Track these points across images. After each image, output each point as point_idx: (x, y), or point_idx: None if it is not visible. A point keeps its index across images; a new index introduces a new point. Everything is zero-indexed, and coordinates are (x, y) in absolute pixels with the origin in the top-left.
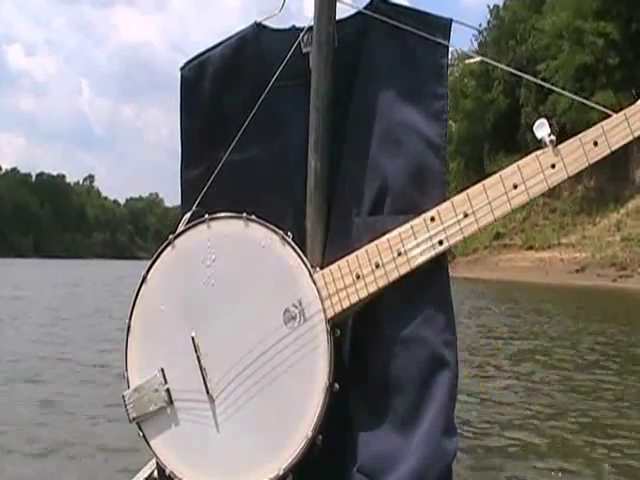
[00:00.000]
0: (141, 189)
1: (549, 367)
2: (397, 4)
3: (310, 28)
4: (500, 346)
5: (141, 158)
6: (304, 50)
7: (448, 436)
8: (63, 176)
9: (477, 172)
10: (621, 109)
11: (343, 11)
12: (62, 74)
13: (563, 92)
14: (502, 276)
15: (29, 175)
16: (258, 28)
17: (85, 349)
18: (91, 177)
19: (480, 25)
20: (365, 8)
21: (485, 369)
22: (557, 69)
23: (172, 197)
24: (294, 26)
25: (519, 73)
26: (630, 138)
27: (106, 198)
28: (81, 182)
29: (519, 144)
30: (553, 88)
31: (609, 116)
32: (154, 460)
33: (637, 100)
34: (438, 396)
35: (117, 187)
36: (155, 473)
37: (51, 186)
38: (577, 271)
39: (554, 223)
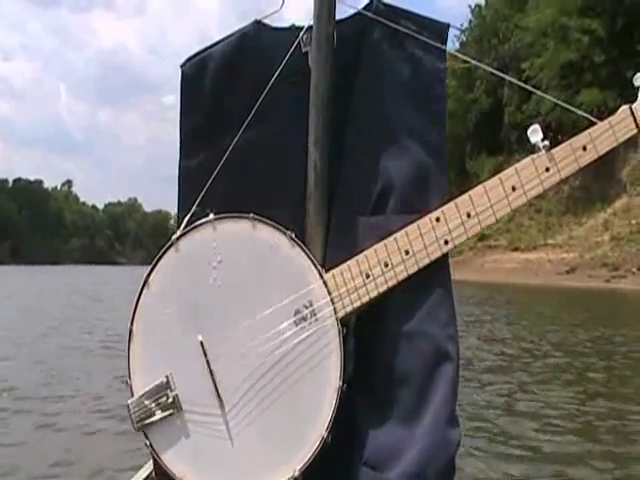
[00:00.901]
0: (120, 194)
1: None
2: (395, 6)
3: (310, 27)
4: (520, 363)
5: (120, 163)
6: (304, 49)
7: (451, 427)
8: (41, 181)
9: (459, 172)
10: (607, 107)
11: (342, 12)
12: (40, 79)
13: (545, 95)
14: (489, 278)
15: (6, 181)
16: (258, 26)
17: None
18: (69, 182)
19: (462, 25)
20: (364, 9)
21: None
22: (542, 67)
23: (151, 202)
24: (294, 25)
25: (509, 78)
26: (615, 144)
27: (84, 203)
28: (59, 187)
29: (501, 144)
30: (540, 94)
31: (595, 118)
32: (150, 462)
33: (622, 99)
34: (441, 389)
35: (96, 192)
36: (153, 474)
37: (29, 192)
38: (567, 272)
39: (540, 223)
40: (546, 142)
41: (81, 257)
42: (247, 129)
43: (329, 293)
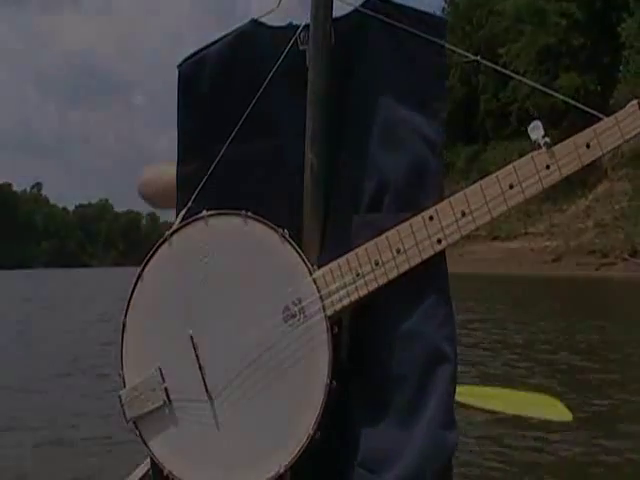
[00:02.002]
0: (90, 195)
1: None
2: (393, 2)
3: (307, 26)
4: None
5: (90, 164)
6: (301, 47)
7: (448, 429)
8: (9, 185)
9: None
10: (586, 91)
11: (340, 9)
12: (7, 81)
13: (526, 80)
14: (470, 269)
15: None
16: (255, 25)
17: None
18: (38, 184)
19: (434, 12)
20: (362, 6)
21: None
22: (520, 52)
23: (122, 202)
24: (291, 23)
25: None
26: (621, 141)
27: (54, 205)
28: (28, 190)
29: (477, 133)
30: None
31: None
32: (149, 459)
33: (601, 83)
34: (438, 390)
35: (66, 194)
36: (150, 472)
37: None
38: (553, 260)
39: (519, 212)
40: (547, 139)
41: (52, 260)
42: (244, 129)
43: (318, 291)
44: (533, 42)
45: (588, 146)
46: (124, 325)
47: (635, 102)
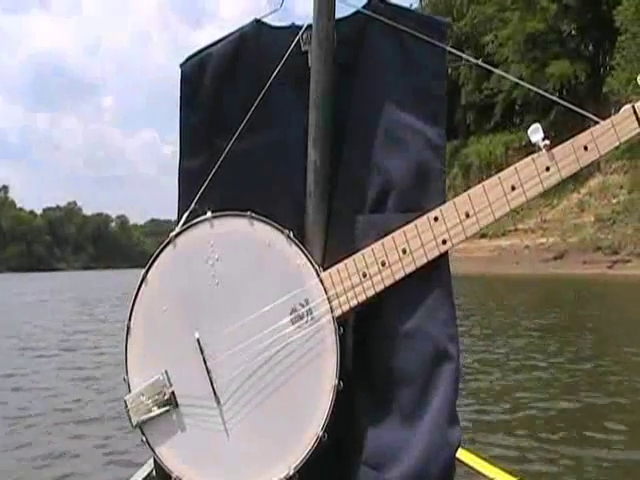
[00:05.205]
0: (59, 198)
1: None
2: (395, 4)
3: (309, 26)
4: None
5: (58, 166)
6: (303, 48)
7: (451, 427)
8: None
9: None
10: (577, 79)
11: (342, 10)
12: None
13: (512, 78)
14: (461, 269)
15: None
16: (258, 25)
17: None
18: (5, 188)
19: (411, 5)
20: (364, 7)
21: None
22: (507, 39)
23: (91, 205)
24: (293, 24)
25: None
26: (617, 144)
27: (22, 209)
28: None
29: (457, 128)
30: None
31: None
32: (152, 460)
33: (592, 71)
34: (442, 388)
35: (33, 197)
36: (154, 472)
37: None
38: (555, 258)
39: None
40: (547, 141)
41: (19, 264)
42: (247, 129)
43: (325, 291)
44: (521, 28)
45: (586, 148)
46: (128, 328)
47: (629, 106)
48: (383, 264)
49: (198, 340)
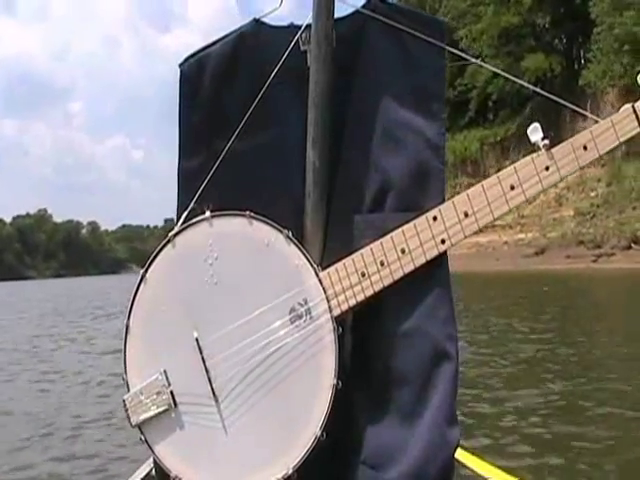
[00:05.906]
0: (28, 206)
1: None
2: (394, 4)
3: (308, 26)
4: None
5: (27, 174)
6: (302, 48)
7: (450, 426)
8: None
9: None
10: (553, 72)
11: (341, 10)
12: None
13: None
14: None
15: None
16: (257, 25)
17: None
18: None
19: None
20: (363, 7)
21: None
22: (481, 33)
23: (61, 212)
24: (292, 24)
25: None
26: (617, 143)
27: None
28: None
29: None
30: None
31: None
32: (151, 459)
33: (568, 64)
34: (441, 388)
35: (2, 205)
36: (153, 471)
37: None
38: (536, 254)
39: None
40: (546, 141)
41: None
42: (246, 128)
43: (324, 291)
44: (495, 22)
45: (585, 148)
46: (127, 327)
47: (629, 105)
48: (382, 264)
49: (197, 339)
